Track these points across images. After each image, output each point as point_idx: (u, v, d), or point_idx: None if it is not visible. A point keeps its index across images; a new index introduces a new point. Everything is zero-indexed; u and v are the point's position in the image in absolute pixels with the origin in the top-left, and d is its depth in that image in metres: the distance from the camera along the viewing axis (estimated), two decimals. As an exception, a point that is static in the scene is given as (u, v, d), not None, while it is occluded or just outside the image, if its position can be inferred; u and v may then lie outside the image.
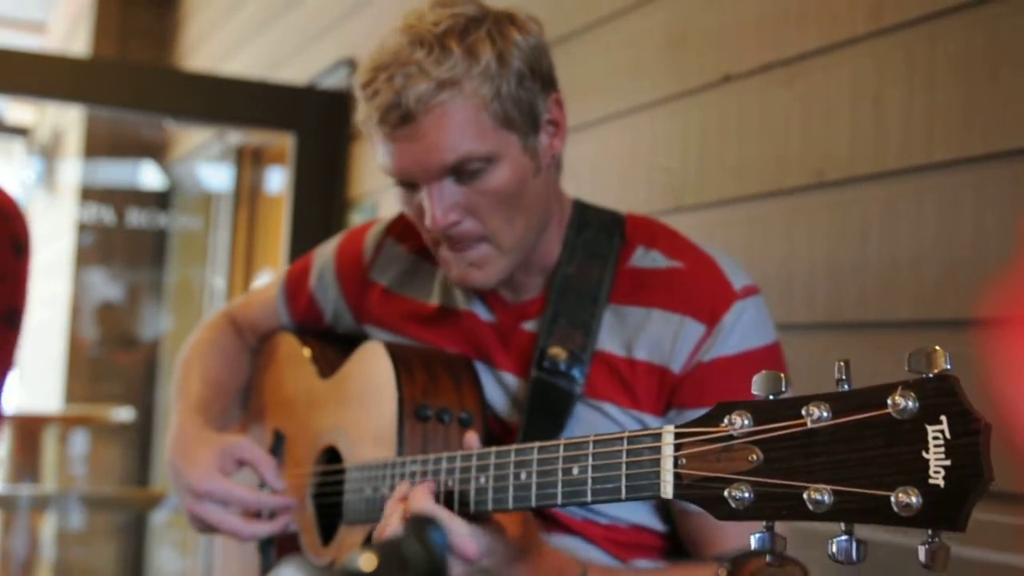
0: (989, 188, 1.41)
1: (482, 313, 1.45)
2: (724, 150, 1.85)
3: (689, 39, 1.95)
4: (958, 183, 1.45)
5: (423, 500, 1.14)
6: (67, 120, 5.82)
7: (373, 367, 1.41)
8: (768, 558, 0.84)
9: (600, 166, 2.14)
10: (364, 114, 1.32)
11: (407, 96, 1.25)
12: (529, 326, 1.41)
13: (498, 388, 1.41)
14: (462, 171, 1.28)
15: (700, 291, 1.32)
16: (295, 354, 1.66)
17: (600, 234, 1.41)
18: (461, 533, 1.11)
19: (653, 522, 1.37)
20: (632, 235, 1.41)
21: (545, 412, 1.33)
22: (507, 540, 1.15)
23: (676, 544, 1.37)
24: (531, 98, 1.31)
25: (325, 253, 1.66)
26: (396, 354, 1.38)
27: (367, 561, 0.64)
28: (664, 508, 1.36)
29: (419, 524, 0.67)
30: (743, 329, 1.30)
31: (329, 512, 1.48)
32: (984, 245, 1.41)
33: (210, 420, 1.58)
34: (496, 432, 1.39)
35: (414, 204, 1.35)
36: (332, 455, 1.50)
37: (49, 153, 6.19)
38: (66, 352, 5.31)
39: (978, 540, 1.37)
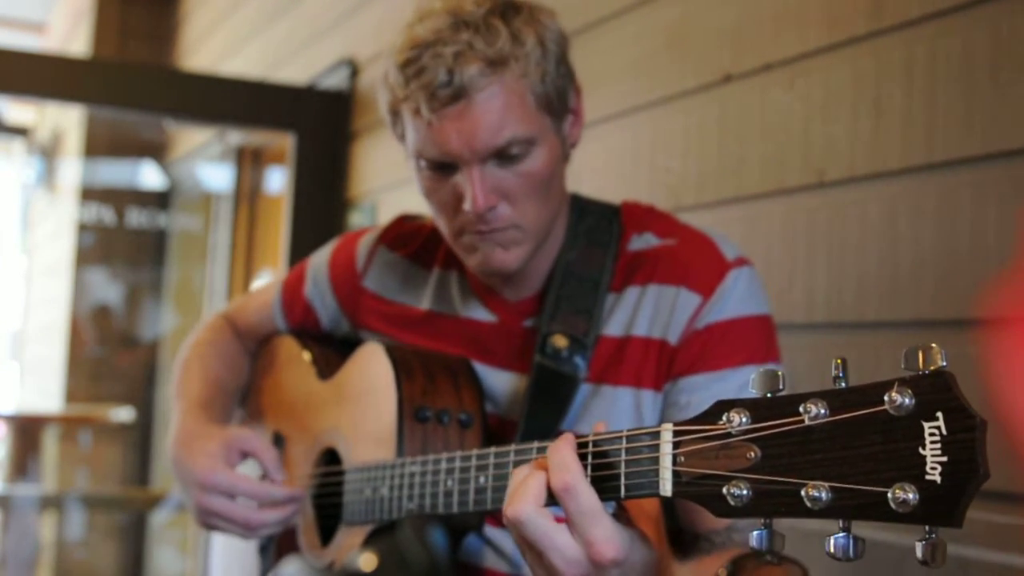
0: (989, 188, 1.41)
1: (482, 316, 1.45)
2: (724, 150, 1.85)
3: (689, 39, 1.95)
4: (958, 183, 1.45)
5: (565, 460, 0.96)
6: (67, 120, 5.82)
7: (372, 369, 1.41)
8: (768, 556, 0.84)
9: (600, 166, 2.14)
10: (402, 93, 1.30)
11: (460, 73, 1.25)
12: (531, 323, 1.41)
13: (500, 386, 1.40)
14: (505, 154, 1.28)
15: (694, 263, 1.33)
16: (295, 356, 1.66)
17: (600, 222, 1.43)
18: (604, 526, 0.94)
19: None
20: (628, 222, 1.42)
21: (547, 398, 1.32)
22: (645, 548, 0.99)
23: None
24: (564, 84, 1.34)
25: (319, 260, 1.67)
26: (395, 356, 1.38)
27: (367, 561, 0.64)
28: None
29: (419, 524, 0.68)
30: (737, 297, 1.31)
31: (329, 513, 1.48)
32: (984, 245, 1.41)
33: (212, 417, 1.58)
34: (499, 431, 1.39)
35: (446, 188, 1.33)
36: (332, 456, 1.50)
37: (49, 153, 6.20)
38: (66, 352, 5.31)
39: (978, 540, 1.37)
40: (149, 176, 5.59)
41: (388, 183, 3.08)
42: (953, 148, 1.45)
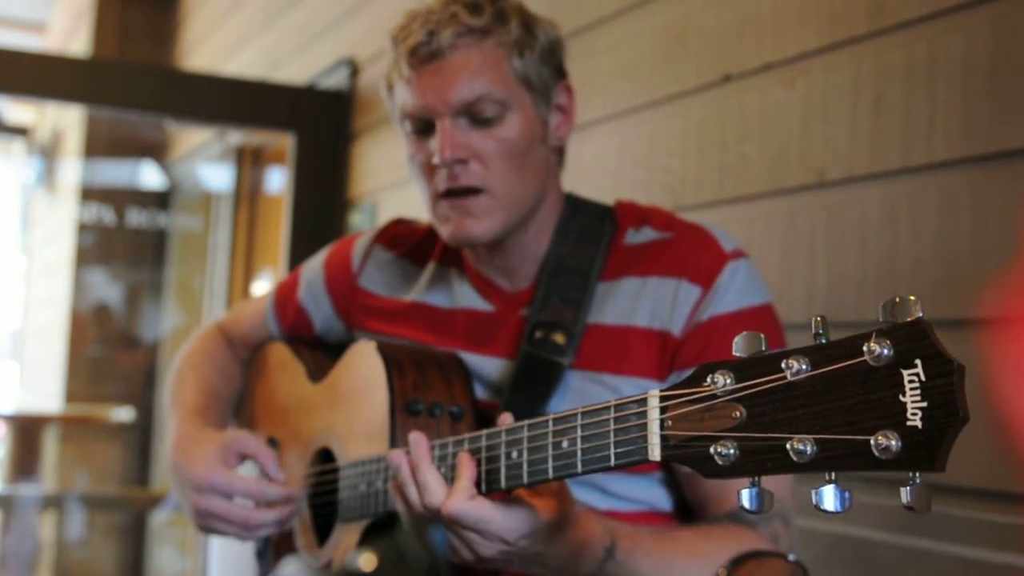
0: (989, 188, 1.41)
1: (480, 306, 1.47)
2: (724, 150, 1.85)
3: (689, 39, 1.95)
4: (958, 183, 1.45)
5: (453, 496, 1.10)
6: (67, 120, 5.82)
7: (364, 365, 1.41)
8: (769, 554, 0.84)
9: (600, 166, 2.14)
10: (392, 61, 1.39)
11: (439, 35, 1.34)
12: (525, 311, 1.43)
13: (495, 374, 1.42)
14: (478, 115, 1.34)
15: (693, 255, 1.36)
16: (286, 362, 1.67)
17: (592, 219, 1.46)
18: (494, 518, 1.06)
19: (659, 500, 1.36)
20: (622, 218, 1.45)
21: (531, 383, 1.35)
22: (542, 519, 1.10)
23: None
24: (547, 75, 1.40)
25: (313, 265, 1.69)
26: (386, 352, 1.39)
27: (367, 561, 0.64)
28: (669, 479, 1.37)
29: (419, 524, 0.67)
30: (737, 288, 1.34)
31: (324, 512, 1.48)
32: (984, 245, 1.41)
33: (208, 422, 1.59)
34: (490, 418, 1.39)
35: (424, 150, 1.38)
36: (326, 457, 1.50)
37: (49, 153, 6.19)
38: (66, 352, 5.31)
39: (978, 540, 1.37)
40: (149, 176, 5.59)
41: (388, 183, 3.08)
42: (953, 148, 1.45)
